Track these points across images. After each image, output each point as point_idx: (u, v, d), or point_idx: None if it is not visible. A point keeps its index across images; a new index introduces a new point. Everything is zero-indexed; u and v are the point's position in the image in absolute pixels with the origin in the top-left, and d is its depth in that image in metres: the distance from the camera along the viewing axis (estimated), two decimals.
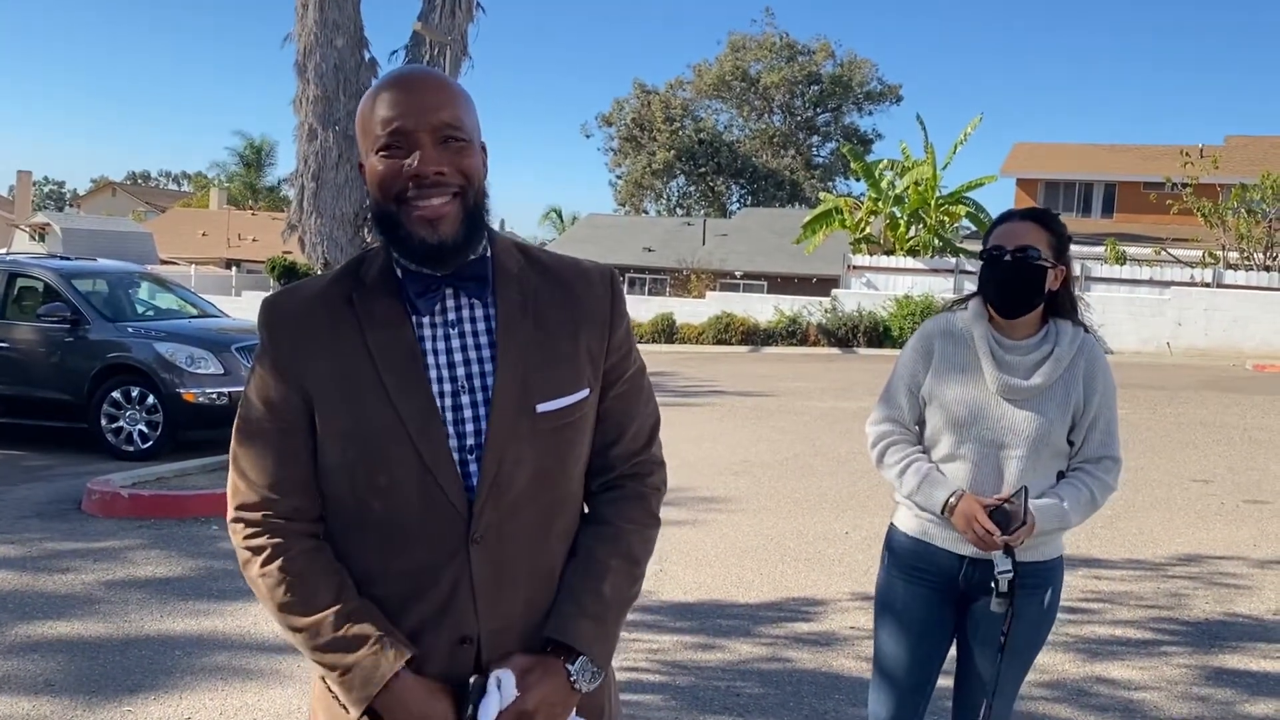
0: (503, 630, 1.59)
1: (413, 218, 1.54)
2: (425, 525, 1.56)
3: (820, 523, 7.56)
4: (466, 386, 1.59)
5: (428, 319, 1.61)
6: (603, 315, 1.70)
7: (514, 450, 1.58)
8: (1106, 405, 2.71)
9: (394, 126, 1.54)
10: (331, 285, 1.64)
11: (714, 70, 56.95)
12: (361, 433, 1.56)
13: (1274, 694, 4.48)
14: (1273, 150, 34.74)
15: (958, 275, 30.04)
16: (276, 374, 1.60)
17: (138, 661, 4.71)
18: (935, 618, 2.79)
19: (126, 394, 9.87)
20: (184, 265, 40.12)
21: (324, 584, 1.57)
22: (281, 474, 1.59)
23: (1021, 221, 2.68)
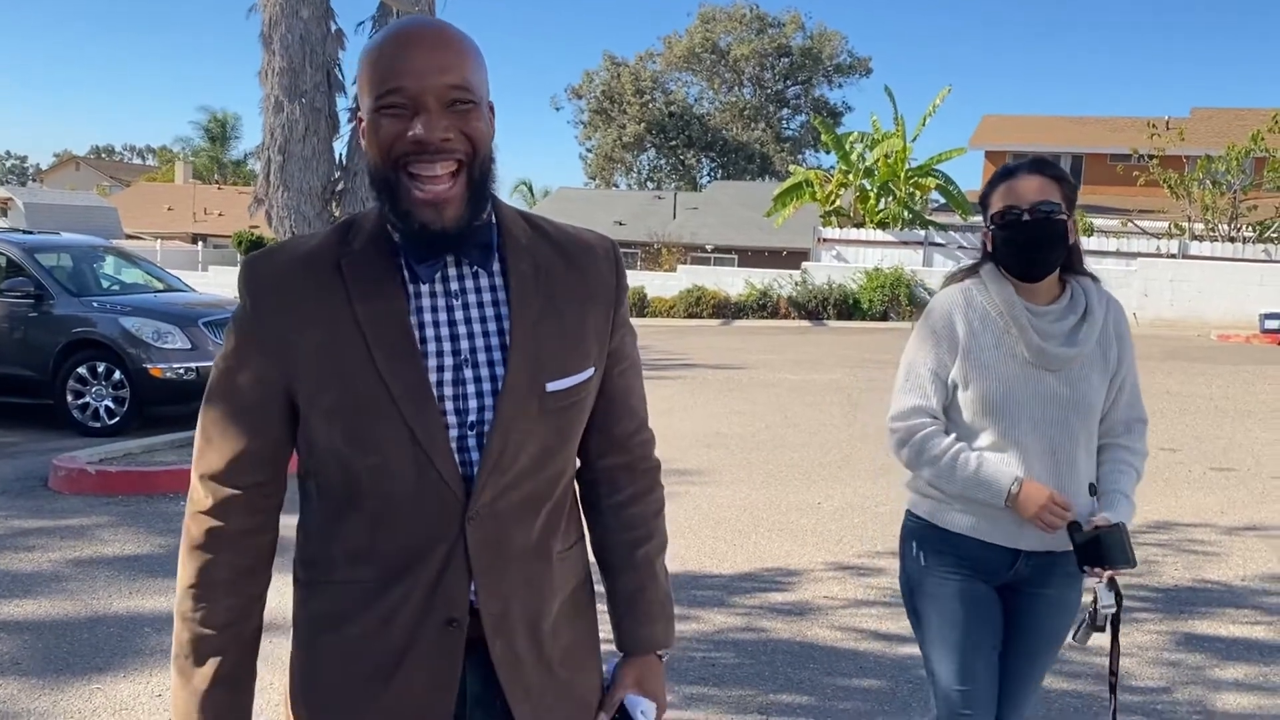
0: (505, 613, 1.55)
1: (415, 198, 1.44)
2: (417, 504, 1.49)
3: (793, 493, 7.58)
4: (470, 361, 1.51)
5: (427, 288, 1.52)
6: (608, 290, 1.64)
7: (520, 429, 1.51)
8: (1131, 362, 2.56)
9: (398, 85, 1.43)
10: (319, 248, 1.54)
11: (684, 42, 56.69)
12: (350, 409, 1.47)
13: (1243, 659, 4.54)
14: (1237, 122, 34.99)
15: (927, 248, 30.16)
16: (255, 342, 1.51)
17: (106, 639, 4.66)
18: (993, 614, 2.58)
19: (92, 369, 9.74)
20: (149, 240, 39.68)
21: (225, 604, 1.56)
22: (247, 446, 1.53)
23: (1030, 175, 2.44)
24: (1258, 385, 13.70)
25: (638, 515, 1.75)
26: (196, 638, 1.56)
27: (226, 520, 1.55)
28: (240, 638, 1.58)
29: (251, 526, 1.57)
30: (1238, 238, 27.53)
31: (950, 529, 2.56)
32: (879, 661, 4.48)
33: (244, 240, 38.78)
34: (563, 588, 1.63)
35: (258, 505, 1.57)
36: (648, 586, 1.74)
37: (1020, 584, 2.56)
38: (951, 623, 2.58)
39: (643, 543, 1.75)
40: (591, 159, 59.00)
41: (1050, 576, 2.54)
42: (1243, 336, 21.56)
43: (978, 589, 2.56)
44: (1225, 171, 27.52)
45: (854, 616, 5.03)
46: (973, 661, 2.59)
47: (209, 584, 1.55)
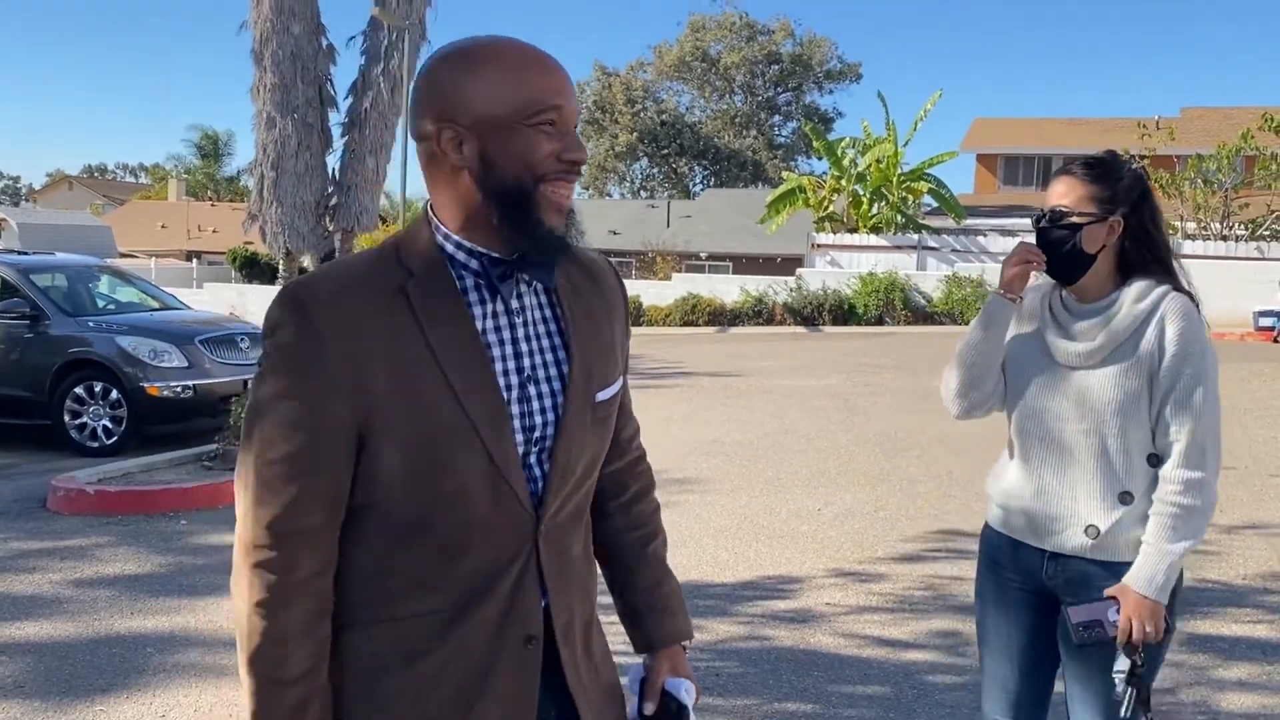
0: (569, 622, 1.59)
1: (549, 204, 1.47)
2: (492, 526, 1.49)
3: (792, 500, 7.59)
4: (533, 377, 1.53)
5: (488, 307, 1.51)
6: (620, 306, 1.72)
7: (579, 439, 1.56)
8: (1189, 376, 2.33)
9: (557, 104, 1.46)
10: (374, 273, 1.47)
11: (674, 51, 56.82)
12: (427, 438, 1.43)
13: (1246, 658, 4.55)
14: (1227, 121, 35.11)
15: (921, 251, 30.21)
16: (316, 376, 1.41)
17: (109, 660, 4.65)
18: (1032, 619, 2.53)
19: (89, 389, 9.74)
20: (143, 258, 39.61)
21: (303, 652, 1.46)
22: (315, 486, 1.44)
23: (1059, 179, 2.44)
24: (1253, 383, 13.72)
25: (643, 513, 1.84)
26: (279, 693, 1.46)
27: (296, 568, 1.45)
28: (319, 687, 1.49)
29: (319, 568, 1.48)
30: (1230, 236, 27.62)
31: (991, 524, 2.62)
32: (883, 667, 4.48)
33: (238, 256, 38.75)
34: (594, 594, 1.70)
35: (324, 545, 1.48)
36: (664, 580, 1.82)
37: (1062, 594, 2.47)
38: (981, 623, 2.66)
39: (651, 539, 1.83)
40: (584, 169, 58.91)
41: (1088, 588, 2.41)
42: (1237, 334, 21.59)
43: (1009, 593, 2.55)
44: (1216, 170, 27.62)
45: (857, 623, 5.03)
46: (993, 663, 2.62)
47: (284, 637, 1.45)
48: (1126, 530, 2.38)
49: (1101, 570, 2.40)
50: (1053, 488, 2.45)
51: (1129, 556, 2.38)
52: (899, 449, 9.57)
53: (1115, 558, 2.39)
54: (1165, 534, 2.32)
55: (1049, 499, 2.45)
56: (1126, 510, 2.37)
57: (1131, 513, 2.38)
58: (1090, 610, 2.34)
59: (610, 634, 1.75)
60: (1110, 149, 2.58)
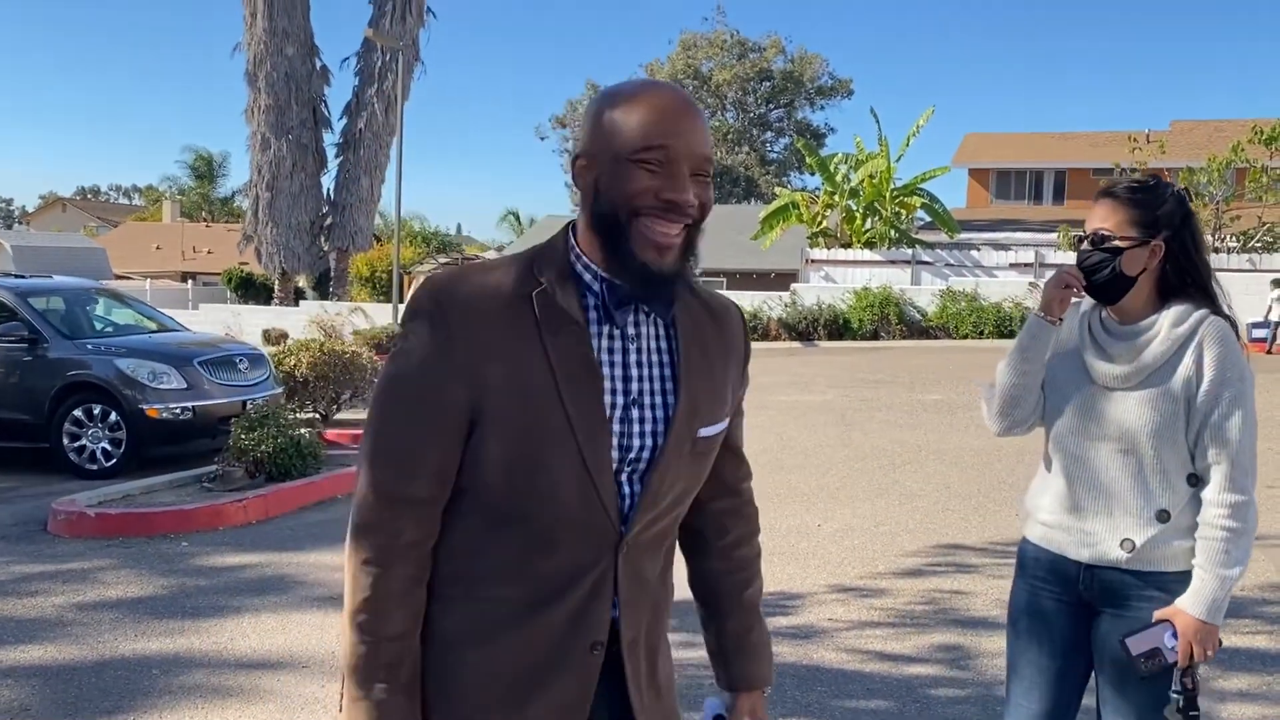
0: (635, 639, 1.67)
1: (643, 239, 1.54)
2: (577, 529, 1.58)
3: (791, 516, 7.61)
4: (639, 401, 1.62)
5: (606, 329, 1.61)
6: (740, 350, 1.79)
7: (675, 468, 1.64)
8: (1227, 400, 2.36)
9: (663, 144, 1.53)
10: (508, 278, 1.60)
11: (666, 69, 57.03)
12: (531, 433, 1.55)
13: (1246, 669, 4.58)
14: (1216, 134, 35.33)
15: (915, 266, 30.30)
16: (444, 360, 1.55)
17: (114, 683, 4.65)
18: (1064, 630, 2.56)
19: (88, 412, 9.74)
20: (139, 280, 39.60)
21: (399, 614, 1.58)
22: (427, 459, 1.57)
23: (1100, 201, 2.48)
24: None
25: (745, 557, 1.90)
26: (374, 649, 1.57)
27: (400, 534, 1.58)
28: (412, 648, 1.60)
29: (421, 538, 1.60)
30: (1222, 248, 27.74)
31: (1029, 539, 2.64)
32: (886, 682, 4.51)
33: (234, 277, 38.75)
34: (668, 619, 1.78)
35: (430, 517, 1.60)
36: (755, 627, 1.89)
37: (1096, 604, 2.50)
38: (1013, 634, 2.67)
39: (748, 584, 1.89)
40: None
41: (1125, 599, 2.45)
42: None
43: (1045, 604, 2.57)
44: (1206, 183, 27.76)
45: (859, 638, 5.05)
46: (1020, 673, 2.63)
47: (384, 596, 1.57)
48: (1163, 544, 2.41)
49: (1136, 580, 2.44)
50: (1089, 504, 2.48)
51: (1165, 566, 2.42)
52: (897, 464, 9.60)
53: (1151, 568, 2.43)
54: (1220, 558, 2.35)
55: (1086, 515, 2.49)
56: (1164, 527, 2.41)
57: (1169, 529, 2.41)
58: (1147, 639, 2.36)
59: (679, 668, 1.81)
60: (1154, 173, 2.62)
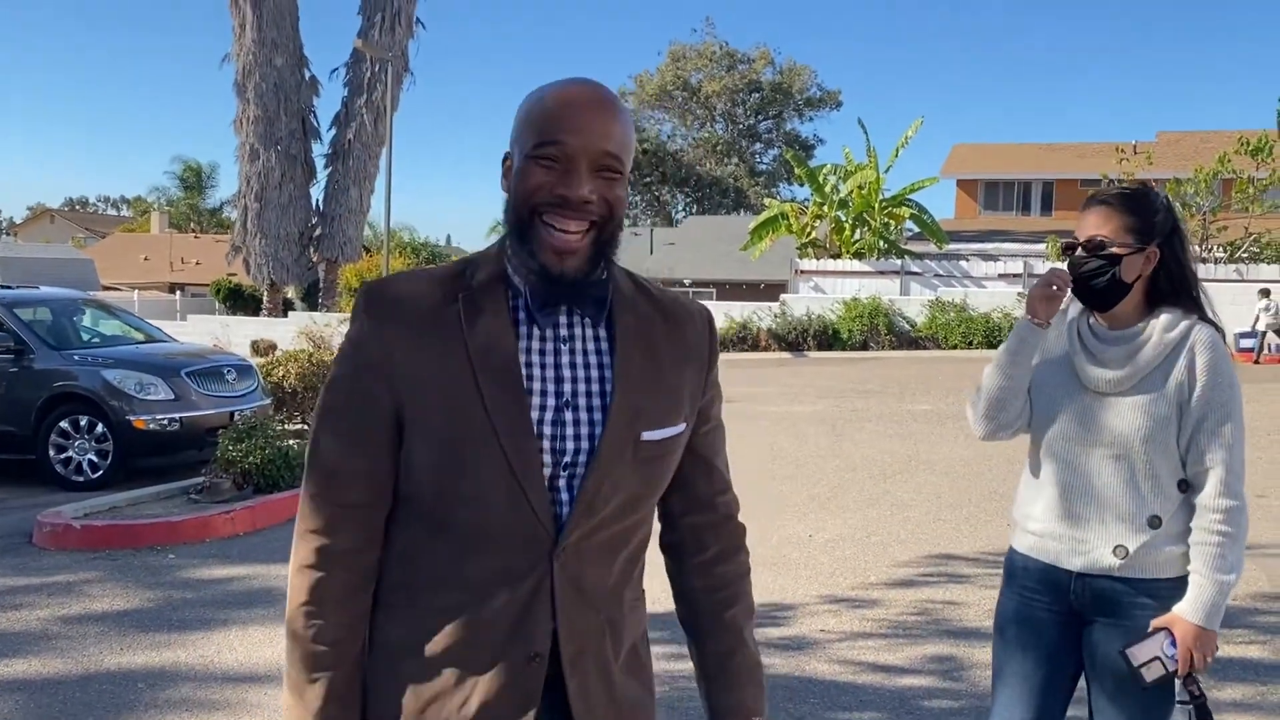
0: (581, 652, 1.59)
1: (544, 241, 1.52)
2: (508, 534, 1.55)
3: (783, 527, 7.59)
4: (572, 404, 1.57)
5: (538, 330, 1.58)
6: (702, 353, 1.71)
7: (615, 474, 1.57)
8: (1218, 406, 2.37)
9: (557, 139, 1.50)
10: (438, 281, 1.60)
11: (655, 81, 57.21)
12: (454, 438, 1.53)
13: (1240, 679, 4.57)
14: (1203, 145, 35.52)
15: (904, 276, 30.38)
16: (370, 364, 1.56)
17: (99, 697, 4.60)
18: (1052, 640, 2.54)
19: (75, 423, 9.67)
20: (126, 291, 39.48)
21: (336, 620, 1.58)
22: (356, 464, 1.57)
23: (1094, 208, 2.47)
24: None
25: (725, 575, 1.78)
26: (310, 654, 1.58)
27: (335, 537, 1.58)
28: (349, 655, 1.60)
29: (359, 545, 1.59)
30: (1209, 259, 27.86)
31: (1017, 549, 2.62)
32: (879, 694, 4.48)
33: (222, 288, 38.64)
34: (630, 637, 1.68)
35: (365, 523, 1.59)
36: (737, 651, 1.76)
37: (1087, 613, 2.49)
38: (1000, 644, 2.64)
39: (730, 604, 1.77)
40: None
41: (1117, 607, 2.43)
42: None
43: (1035, 614, 2.55)
44: (1194, 194, 27.90)
45: (851, 649, 5.03)
46: (1009, 684, 2.61)
47: (321, 601, 1.58)
48: (1156, 550, 2.41)
49: (1128, 588, 2.43)
50: (1081, 511, 2.47)
51: (1157, 574, 2.41)
52: (887, 474, 9.59)
53: (1144, 575, 2.42)
54: (1215, 563, 2.35)
55: (1077, 522, 2.47)
56: (1155, 533, 2.41)
57: (1160, 535, 2.41)
58: (1147, 649, 2.35)
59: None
60: (1141, 181, 2.61)
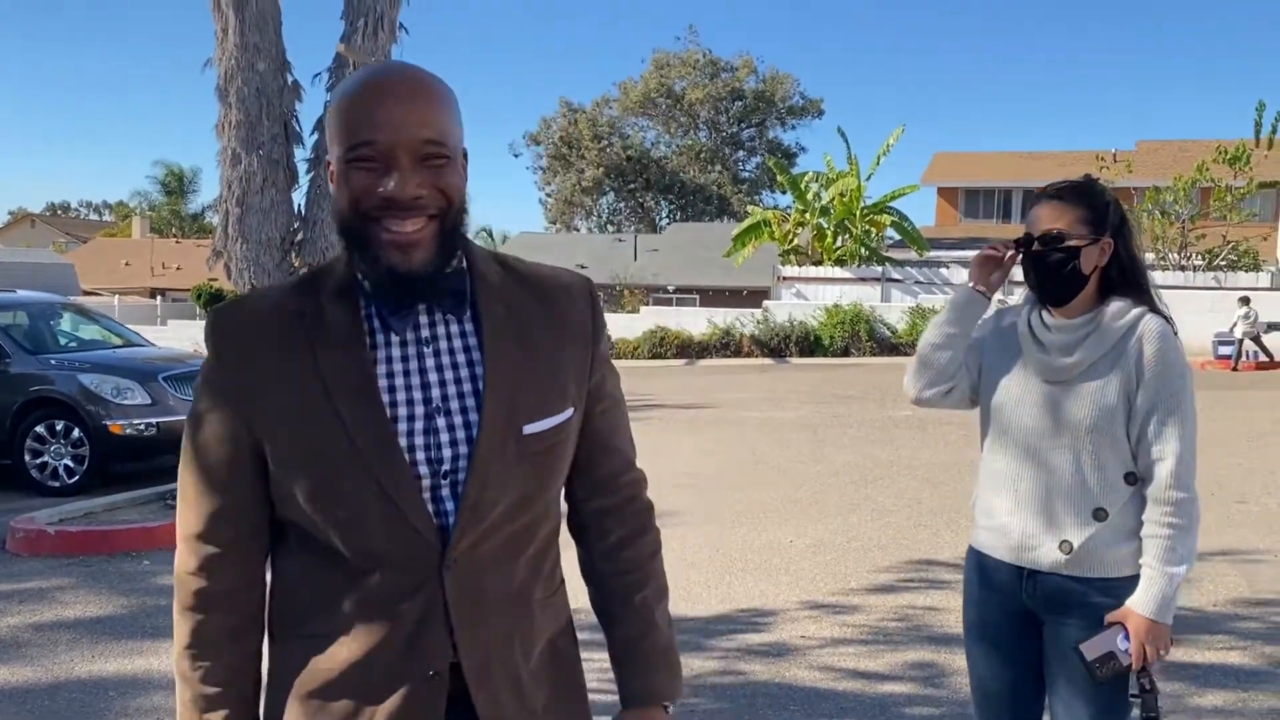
0: (486, 663, 1.51)
1: (383, 241, 1.41)
2: (390, 555, 1.46)
3: (765, 532, 7.56)
4: (442, 409, 1.48)
5: (397, 337, 1.49)
6: (585, 330, 1.61)
7: (498, 474, 1.48)
8: (1168, 396, 2.35)
9: (370, 139, 1.39)
10: (283, 299, 1.51)
11: (639, 88, 57.22)
12: (316, 465, 1.45)
13: (1222, 685, 4.55)
14: (1182, 154, 35.75)
15: (885, 283, 30.46)
16: (221, 396, 1.49)
17: (68, 705, 4.53)
18: (1011, 639, 2.53)
19: (51, 428, 9.58)
20: (107, 296, 39.20)
21: (222, 662, 1.55)
22: (222, 503, 1.51)
23: (1046, 203, 2.45)
24: (1215, 410, 13.87)
25: (631, 558, 1.69)
26: (200, 696, 1.54)
27: (211, 580, 1.52)
28: (241, 695, 1.56)
29: (236, 586, 1.54)
30: (1188, 266, 28.04)
31: (973, 545, 2.62)
32: (859, 701, 4.45)
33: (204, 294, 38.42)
34: (544, 635, 1.60)
35: (241, 563, 1.54)
36: (647, 634, 1.68)
37: (1040, 611, 2.47)
38: (967, 646, 2.64)
39: (639, 587, 1.69)
40: (551, 204, 59.24)
41: (1068, 606, 2.41)
42: (1198, 363, 21.89)
43: (993, 615, 2.55)
44: (1173, 202, 28.09)
45: (832, 656, 4.99)
46: (980, 685, 2.63)
47: (204, 644, 1.54)
48: (1101, 546, 2.39)
49: (1078, 586, 2.41)
50: (1028, 504, 2.46)
51: (1104, 572, 2.39)
52: (869, 479, 9.58)
53: (1090, 573, 2.40)
54: (1165, 556, 2.33)
55: (1024, 515, 2.46)
56: (1100, 526, 2.39)
57: (1106, 529, 2.39)
58: (1100, 644, 2.34)
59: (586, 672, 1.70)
60: (1086, 173, 2.60)
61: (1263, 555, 6.72)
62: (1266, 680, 4.60)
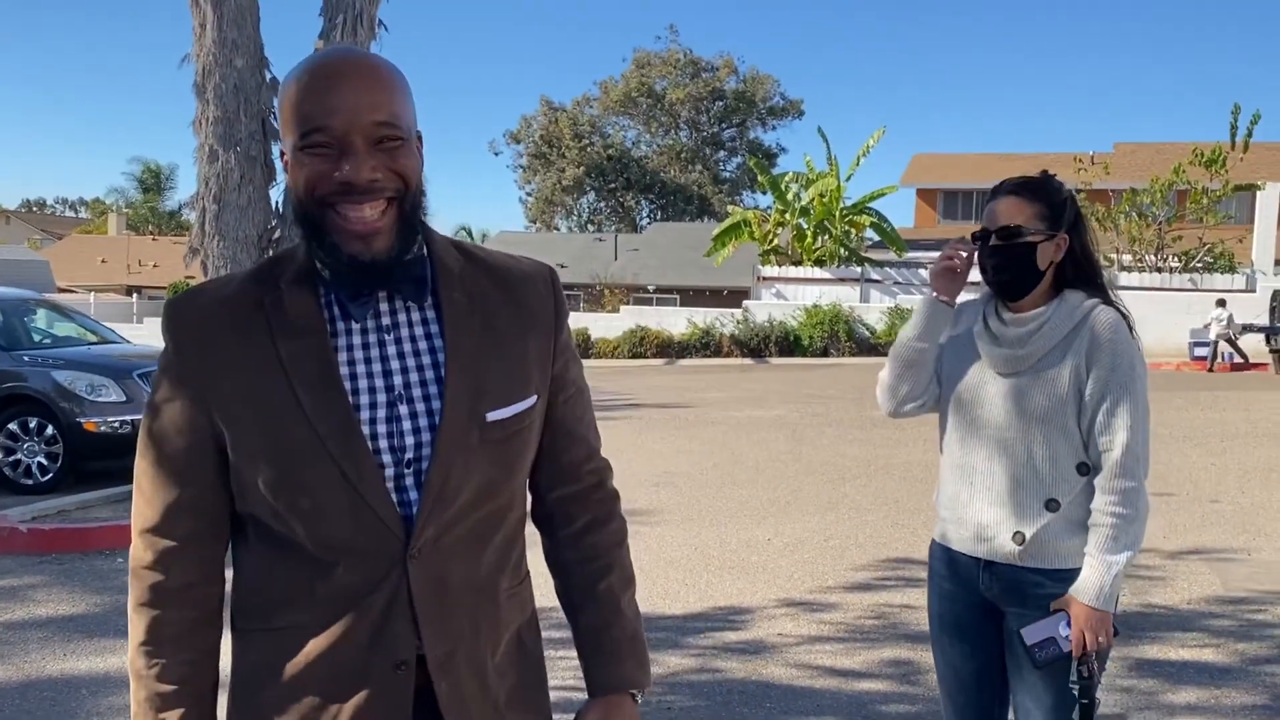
0: (450, 653, 1.50)
1: (342, 230, 1.41)
2: (354, 545, 1.45)
3: (743, 531, 7.57)
4: (404, 396, 1.47)
5: (357, 325, 1.48)
6: (547, 317, 1.61)
7: (461, 462, 1.47)
8: (1119, 386, 2.37)
9: (323, 124, 1.38)
10: (241, 288, 1.50)
11: (620, 87, 57.22)
12: (278, 454, 1.43)
13: (1195, 682, 4.58)
14: (1159, 156, 35.98)
15: (864, 284, 30.55)
16: (179, 387, 1.47)
17: (39, 704, 4.49)
18: (972, 628, 2.56)
19: (24, 425, 9.47)
20: (83, 293, 38.94)
21: (178, 659, 1.52)
22: (179, 496, 1.49)
23: (1004, 198, 2.47)
24: (1190, 411, 13.98)
25: (596, 545, 1.68)
26: (155, 694, 1.51)
27: (167, 574, 1.50)
28: (197, 692, 1.53)
29: (194, 579, 1.52)
30: (1164, 268, 28.22)
31: (934, 538, 2.64)
32: (836, 698, 4.46)
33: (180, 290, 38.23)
34: (509, 626, 1.59)
35: (198, 556, 1.51)
36: (613, 623, 1.66)
37: (999, 603, 2.51)
38: (934, 636, 2.67)
39: (604, 575, 1.67)
40: (531, 202, 59.16)
41: (1025, 597, 2.44)
42: (1173, 364, 22.04)
43: (954, 607, 2.58)
44: (1150, 203, 28.26)
45: (808, 653, 5.00)
46: (945, 678, 2.66)
47: (159, 641, 1.51)
48: (1054, 537, 2.42)
49: (1033, 576, 2.44)
50: (983, 495, 2.49)
51: (1058, 563, 2.42)
52: (846, 478, 9.61)
53: (1044, 564, 2.43)
54: (1107, 545, 2.36)
55: (980, 507, 2.49)
56: (1053, 517, 2.42)
57: (1058, 519, 2.42)
58: (1041, 629, 2.37)
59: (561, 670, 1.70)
60: (1044, 170, 2.61)
61: (1236, 554, 6.76)
62: (1239, 677, 4.63)
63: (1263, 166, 33.26)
